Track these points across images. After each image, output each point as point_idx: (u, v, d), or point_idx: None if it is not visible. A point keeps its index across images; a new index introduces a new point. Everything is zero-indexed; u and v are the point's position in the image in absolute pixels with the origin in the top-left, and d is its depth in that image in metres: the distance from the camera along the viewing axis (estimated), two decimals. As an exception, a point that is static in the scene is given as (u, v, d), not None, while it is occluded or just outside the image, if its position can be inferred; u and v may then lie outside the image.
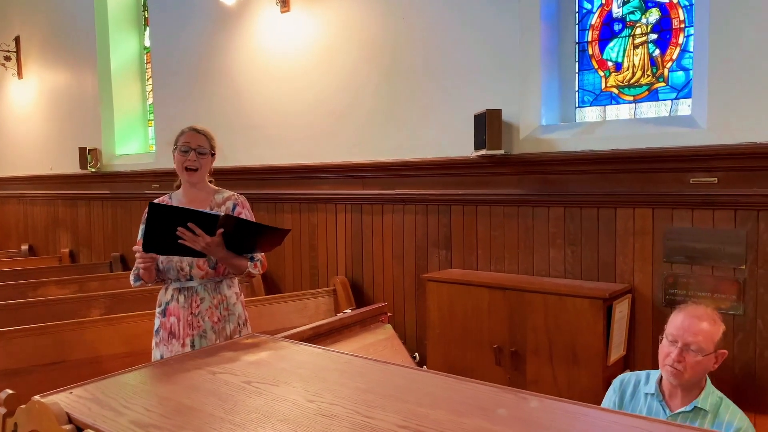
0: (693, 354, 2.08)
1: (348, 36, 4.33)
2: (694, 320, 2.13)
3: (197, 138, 2.52)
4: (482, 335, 3.36)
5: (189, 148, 2.49)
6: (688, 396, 2.13)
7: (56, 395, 1.49)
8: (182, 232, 2.21)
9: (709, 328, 2.12)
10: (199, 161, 2.50)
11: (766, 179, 2.78)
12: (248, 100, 5.02)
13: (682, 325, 2.13)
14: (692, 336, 2.09)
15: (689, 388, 2.14)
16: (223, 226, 2.24)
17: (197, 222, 2.21)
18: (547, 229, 3.49)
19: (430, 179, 3.95)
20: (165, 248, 2.32)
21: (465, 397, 1.45)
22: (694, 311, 2.17)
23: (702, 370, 2.11)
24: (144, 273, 2.42)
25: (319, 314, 4.16)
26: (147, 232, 2.23)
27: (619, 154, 3.18)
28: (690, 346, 2.08)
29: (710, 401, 2.12)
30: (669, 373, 2.12)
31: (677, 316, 2.19)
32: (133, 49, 6.67)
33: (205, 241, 2.23)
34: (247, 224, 2.32)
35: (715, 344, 2.11)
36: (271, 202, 4.91)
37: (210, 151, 2.55)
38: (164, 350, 2.51)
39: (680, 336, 2.10)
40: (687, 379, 2.10)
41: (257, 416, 1.34)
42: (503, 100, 3.56)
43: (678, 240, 3.05)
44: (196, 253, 2.29)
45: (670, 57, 3.30)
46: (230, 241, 2.30)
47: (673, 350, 2.10)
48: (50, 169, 7.19)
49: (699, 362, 2.08)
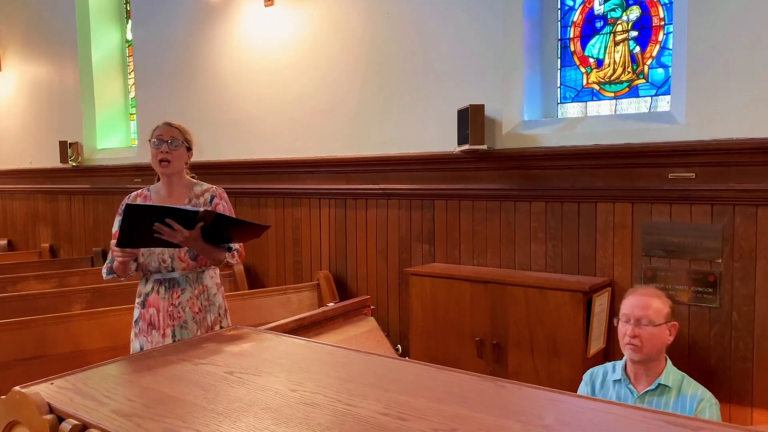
0: (646, 327, 2.22)
1: (332, 31, 4.33)
2: (642, 297, 2.30)
3: (170, 131, 2.53)
4: (464, 328, 3.39)
5: (161, 140, 2.50)
6: (651, 376, 2.27)
7: (37, 386, 1.48)
8: (159, 228, 2.20)
9: (657, 302, 2.28)
10: (172, 153, 2.50)
11: (741, 175, 2.84)
12: (232, 95, 5.00)
13: (631, 304, 2.29)
14: (642, 310, 2.25)
15: (651, 367, 2.26)
16: (202, 220, 2.24)
17: (175, 218, 2.21)
18: (528, 224, 3.53)
19: (413, 174, 3.97)
20: (142, 242, 2.31)
21: (445, 385, 1.47)
22: (641, 291, 2.35)
23: (658, 342, 2.25)
24: (119, 266, 2.40)
25: (302, 308, 4.16)
26: (122, 230, 2.22)
27: (599, 149, 3.22)
28: (641, 320, 2.23)
29: (672, 378, 2.25)
30: (629, 350, 2.25)
31: (627, 298, 2.35)
32: (115, 42, 6.60)
33: (183, 235, 2.23)
34: (226, 219, 2.32)
35: (664, 316, 2.27)
36: (254, 197, 4.90)
37: (184, 144, 2.55)
38: (143, 341, 2.50)
39: (631, 313, 2.26)
40: (646, 353, 2.23)
41: (240, 405, 1.35)
42: (486, 95, 3.59)
43: (656, 234, 3.10)
44: (173, 244, 2.29)
45: (650, 54, 3.35)
46: (208, 234, 2.30)
47: (628, 328, 2.25)
48: (30, 163, 7.09)
49: (653, 334, 2.22)
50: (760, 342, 2.84)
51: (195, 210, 2.25)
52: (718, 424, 1.22)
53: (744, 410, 2.88)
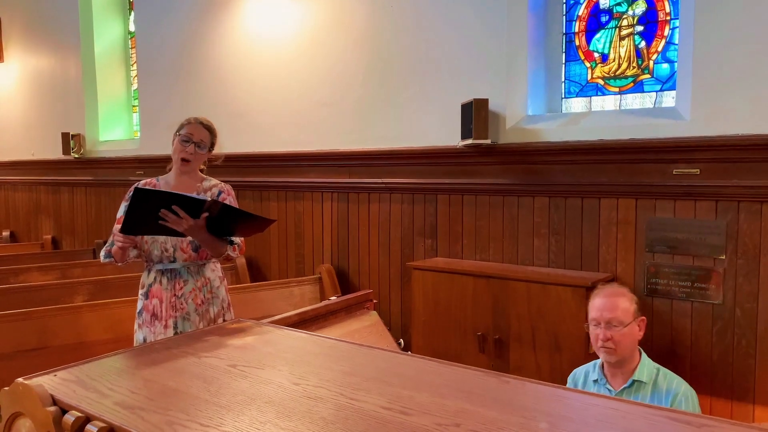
0: (616, 329, 2.25)
1: (335, 24, 4.32)
2: (607, 300, 2.32)
3: (201, 132, 2.52)
4: (466, 323, 3.39)
5: (190, 139, 2.50)
6: (627, 373, 2.29)
7: (40, 378, 1.48)
8: (165, 214, 2.19)
9: (624, 302, 2.31)
10: (196, 155, 2.51)
11: (746, 171, 2.83)
12: (234, 87, 4.99)
13: (599, 307, 2.31)
14: (610, 312, 2.27)
15: (626, 365, 2.29)
16: (208, 210, 2.23)
17: (182, 205, 2.20)
18: (531, 219, 3.52)
19: (416, 168, 3.95)
20: (145, 229, 2.31)
21: (448, 380, 1.47)
22: (605, 293, 2.38)
23: (630, 341, 2.28)
24: (117, 252, 2.39)
25: (304, 302, 4.16)
26: (128, 214, 2.21)
27: (603, 144, 3.21)
28: (611, 322, 2.26)
29: (647, 373, 2.28)
30: (604, 353, 2.28)
31: (593, 301, 2.37)
32: (117, 34, 6.58)
33: (188, 223, 2.22)
34: (232, 210, 2.32)
35: (632, 314, 2.30)
36: (256, 190, 4.90)
37: (209, 148, 2.56)
38: (147, 332, 2.51)
39: (600, 317, 2.29)
40: (621, 353, 2.26)
41: (243, 398, 1.35)
42: (490, 89, 3.57)
43: (660, 230, 3.09)
44: (176, 233, 2.28)
45: (655, 49, 3.33)
46: (212, 225, 2.29)
47: (599, 331, 2.27)
48: (32, 154, 7.09)
49: (624, 334, 2.26)
50: (763, 339, 2.84)
51: (203, 199, 2.25)
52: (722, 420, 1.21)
53: (746, 407, 2.87)
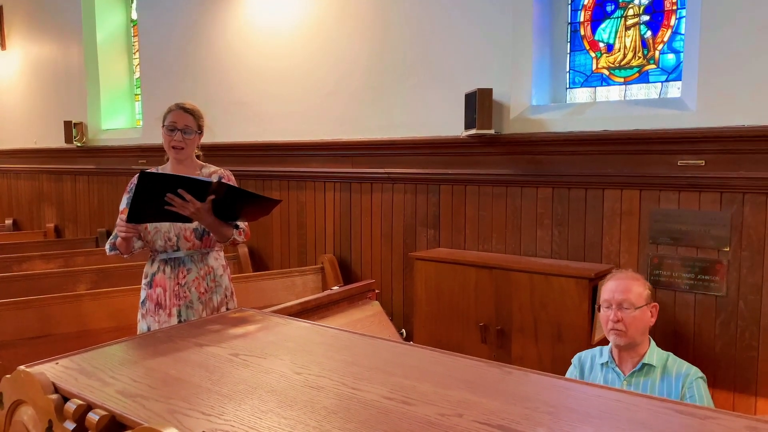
0: (627, 311, 2.21)
1: (339, 12, 4.28)
2: (620, 282, 2.28)
3: (184, 117, 2.50)
4: (469, 313, 3.39)
5: (175, 127, 2.48)
6: (636, 357, 2.27)
7: (42, 366, 1.48)
8: (171, 198, 2.17)
9: (637, 285, 2.27)
10: (185, 141, 2.50)
11: (752, 162, 2.81)
12: (237, 76, 4.96)
13: (611, 289, 2.27)
14: (622, 294, 2.23)
15: (635, 350, 2.26)
16: (214, 192, 2.21)
17: (188, 188, 2.19)
18: (535, 210, 3.51)
19: (419, 158, 3.94)
20: (151, 216, 2.29)
21: (450, 370, 1.47)
22: (618, 276, 2.33)
23: (641, 325, 2.24)
24: (121, 243, 2.38)
25: (306, 291, 4.16)
26: (134, 202, 2.19)
27: (608, 135, 3.18)
28: (623, 304, 2.22)
29: (656, 357, 2.25)
30: (614, 335, 2.24)
31: (606, 284, 2.33)
32: (119, 22, 6.55)
33: (195, 206, 2.19)
34: (238, 192, 2.30)
35: (645, 298, 2.26)
36: (259, 179, 4.88)
37: (197, 131, 2.54)
38: (151, 321, 2.51)
39: (612, 299, 2.25)
40: (630, 336, 2.23)
41: (245, 387, 1.35)
42: (494, 79, 3.54)
43: (664, 221, 3.07)
44: (182, 218, 2.26)
45: (661, 39, 3.29)
46: (218, 208, 2.28)
47: (610, 313, 2.23)
48: (35, 143, 7.08)
49: (635, 317, 2.22)
50: (767, 331, 2.83)
51: (208, 180, 2.23)
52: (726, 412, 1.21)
53: (748, 399, 2.87)
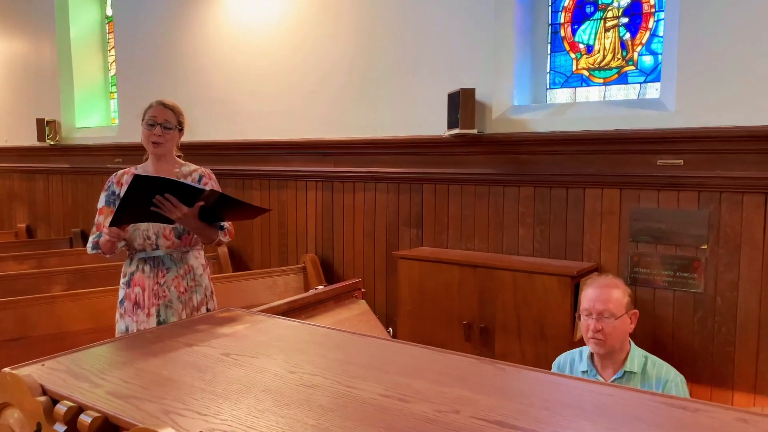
0: (608, 320, 2.21)
1: (321, 10, 4.26)
2: (601, 290, 2.27)
3: (164, 113, 2.49)
4: (452, 312, 3.40)
5: (155, 122, 2.47)
6: (617, 364, 2.27)
7: (28, 367, 1.44)
8: (160, 201, 2.15)
9: (617, 293, 2.26)
10: (164, 136, 2.48)
11: (728, 162, 2.87)
12: (216, 74, 4.91)
13: (591, 298, 2.26)
14: (602, 304, 2.22)
15: (616, 355, 2.26)
16: (204, 199, 2.19)
17: (179, 192, 2.16)
18: (517, 209, 3.54)
19: (402, 158, 3.94)
20: (134, 217, 2.26)
21: (444, 367, 1.47)
22: (598, 283, 2.32)
23: (621, 333, 2.25)
24: (106, 244, 2.34)
25: (288, 291, 4.14)
26: (123, 202, 2.15)
27: (588, 135, 3.23)
28: (603, 313, 2.22)
29: (636, 363, 2.26)
30: (594, 344, 2.24)
31: (585, 291, 2.32)
32: (94, 18, 6.42)
33: (182, 212, 2.18)
34: (230, 200, 2.28)
35: (625, 306, 2.26)
36: (239, 178, 4.84)
37: (177, 126, 2.52)
38: (129, 321, 2.46)
39: (592, 308, 2.24)
40: (611, 345, 2.23)
41: (239, 387, 1.33)
42: (476, 79, 3.57)
43: (644, 220, 3.13)
44: (164, 218, 2.23)
45: (639, 41, 3.35)
46: (204, 213, 2.26)
47: (591, 322, 2.23)
48: (5, 141, 6.91)
49: (615, 326, 2.22)
50: (743, 327, 2.90)
51: (201, 188, 2.20)
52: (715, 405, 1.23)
53: (725, 393, 2.94)
